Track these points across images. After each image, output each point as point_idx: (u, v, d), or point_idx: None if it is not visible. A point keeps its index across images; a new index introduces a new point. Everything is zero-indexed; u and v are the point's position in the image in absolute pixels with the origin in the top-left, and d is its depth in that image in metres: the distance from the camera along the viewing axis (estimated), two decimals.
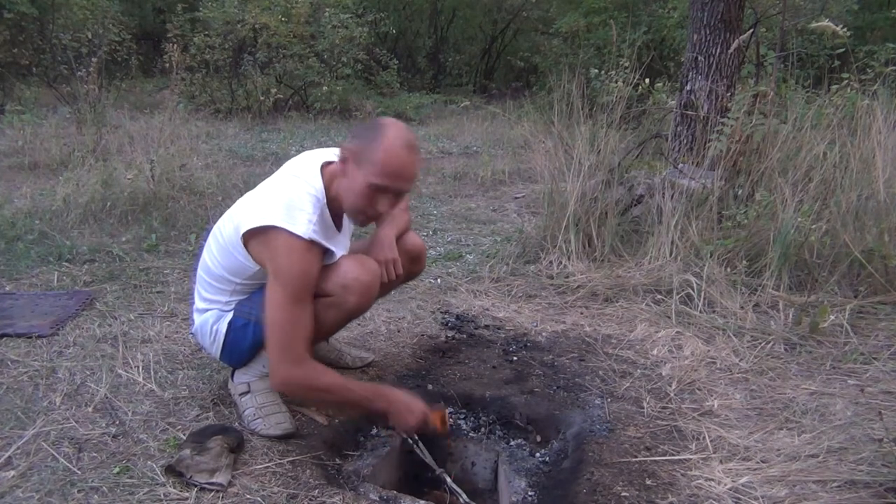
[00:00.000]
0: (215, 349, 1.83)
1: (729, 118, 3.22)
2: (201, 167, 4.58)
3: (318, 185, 1.66)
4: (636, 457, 1.73)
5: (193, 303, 1.88)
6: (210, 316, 1.82)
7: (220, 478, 1.56)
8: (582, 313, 2.69)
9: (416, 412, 1.70)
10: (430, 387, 2.11)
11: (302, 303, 1.60)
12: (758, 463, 1.69)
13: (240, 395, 1.83)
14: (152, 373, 2.05)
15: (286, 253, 1.57)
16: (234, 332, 1.77)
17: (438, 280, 3.03)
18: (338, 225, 1.75)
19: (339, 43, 8.54)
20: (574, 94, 3.49)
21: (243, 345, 1.78)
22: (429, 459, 1.88)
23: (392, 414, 1.70)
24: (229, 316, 1.78)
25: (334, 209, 1.70)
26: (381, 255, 1.84)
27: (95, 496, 1.50)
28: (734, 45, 3.59)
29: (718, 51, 3.68)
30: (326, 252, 1.67)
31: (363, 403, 1.71)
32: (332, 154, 1.75)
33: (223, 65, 8.25)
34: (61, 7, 8.18)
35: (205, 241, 1.85)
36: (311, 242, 1.59)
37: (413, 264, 2.05)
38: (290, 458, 1.68)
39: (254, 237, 1.62)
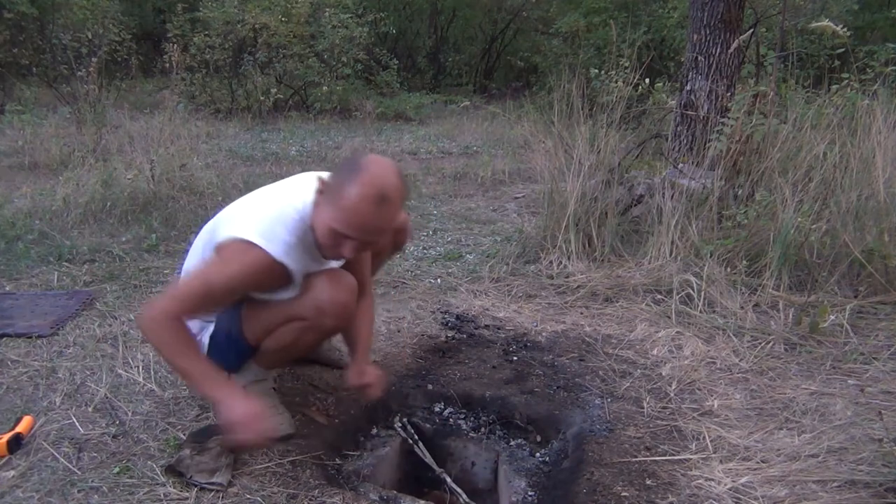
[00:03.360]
0: None
1: (729, 118, 3.22)
2: (201, 167, 4.58)
3: (308, 206, 1.57)
4: (636, 457, 1.73)
5: None
6: (194, 326, 1.76)
7: (220, 478, 1.56)
8: (582, 313, 2.69)
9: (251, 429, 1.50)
10: (430, 387, 2.11)
11: (215, 291, 1.51)
12: (758, 463, 1.69)
13: None
14: (152, 373, 2.05)
15: (242, 258, 1.50)
16: (216, 345, 1.73)
17: (438, 280, 3.03)
18: None
19: (339, 43, 8.53)
20: (574, 94, 3.49)
21: (228, 356, 1.75)
22: (429, 459, 1.89)
23: (227, 425, 1.51)
24: (211, 328, 1.74)
25: None
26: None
27: (95, 496, 1.50)
28: (734, 45, 3.59)
29: (718, 51, 3.68)
30: (290, 275, 1.58)
31: (207, 397, 1.60)
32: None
33: (223, 65, 8.24)
34: (61, 7, 8.17)
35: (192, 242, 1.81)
36: (274, 262, 1.52)
37: (397, 235, 1.95)
38: (290, 458, 1.68)
39: (230, 246, 1.55)
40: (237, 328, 1.70)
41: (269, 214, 1.56)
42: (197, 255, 1.71)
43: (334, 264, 1.71)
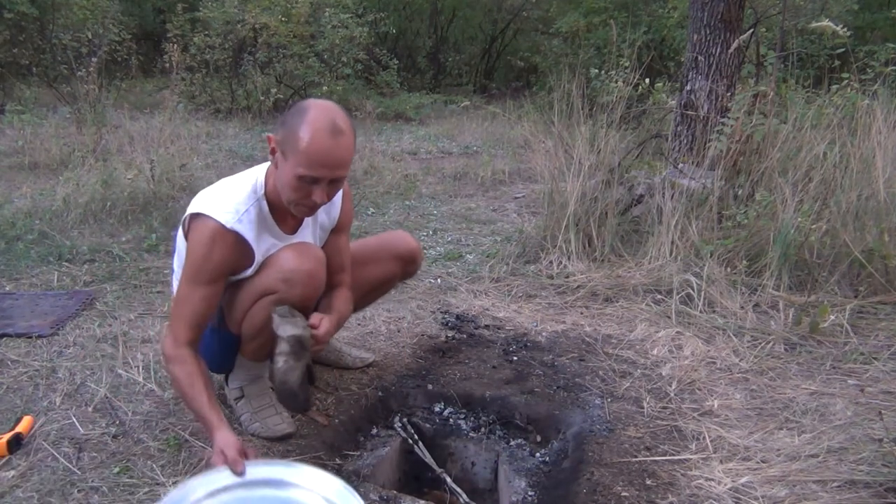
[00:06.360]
0: None
1: (729, 118, 3.22)
2: (201, 167, 4.58)
3: (260, 179, 1.65)
4: (636, 457, 1.73)
5: None
6: None
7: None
8: (582, 313, 2.69)
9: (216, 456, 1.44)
10: (430, 387, 2.11)
11: (193, 283, 1.58)
12: (758, 463, 1.69)
13: (234, 399, 1.83)
14: (152, 373, 2.05)
15: (198, 236, 1.57)
16: (203, 340, 1.71)
17: (438, 280, 3.03)
18: (283, 223, 1.69)
19: (339, 43, 8.52)
20: (574, 94, 3.49)
21: (214, 350, 1.75)
22: (429, 459, 1.89)
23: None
24: None
25: (276, 205, 1.65)
26: None
27: (95, 496, 1.50)
28: (734, 45, 3.59)
29: (718, 51, 3.68)
30: (248, 245, 1.61)
31: (199, 421, 1.58)
32: None
33: (223, 65, 8.23)
34: (61, 7, 8.15)
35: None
36: (226, 230, 1.56)
37: (408, 265, 2.07)
38: (290, 458, 1.68)
39: (189, 225, 1.63)
40: (219, 318, 1.72)
41: (219, 191, 1.64)
42: (177, 245, 1.74)
43: (298, 240, 1.72)
